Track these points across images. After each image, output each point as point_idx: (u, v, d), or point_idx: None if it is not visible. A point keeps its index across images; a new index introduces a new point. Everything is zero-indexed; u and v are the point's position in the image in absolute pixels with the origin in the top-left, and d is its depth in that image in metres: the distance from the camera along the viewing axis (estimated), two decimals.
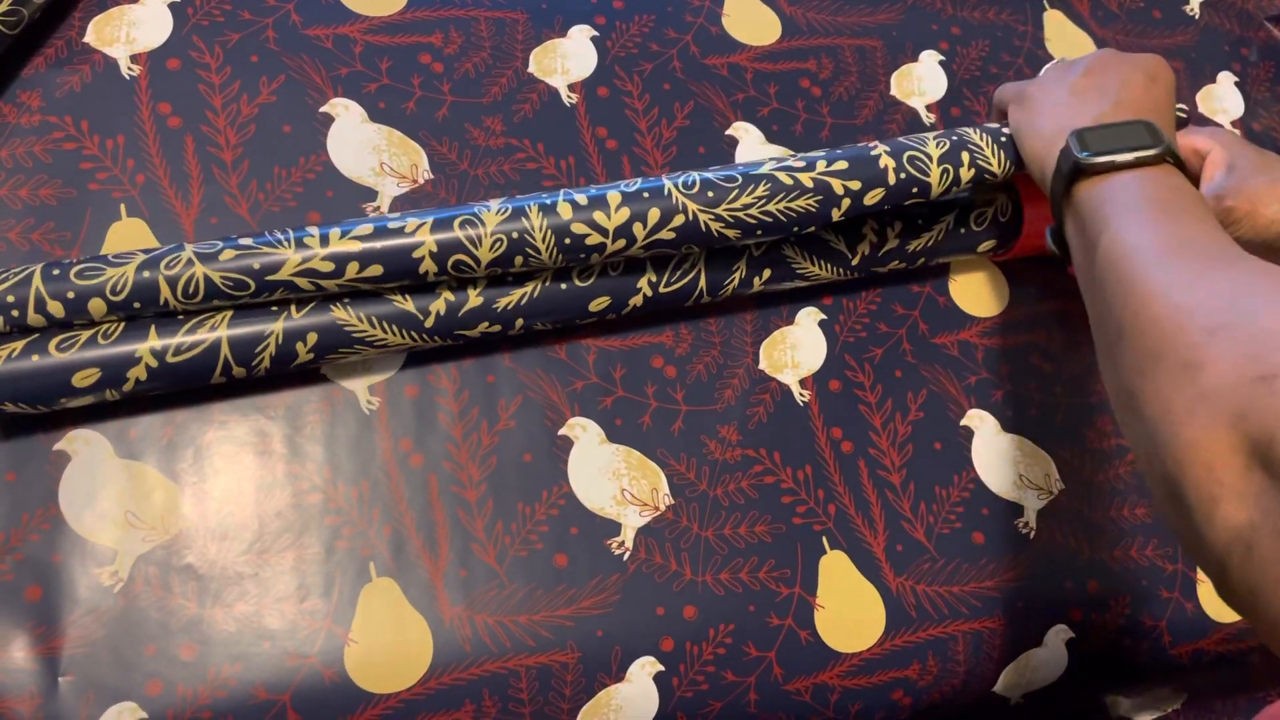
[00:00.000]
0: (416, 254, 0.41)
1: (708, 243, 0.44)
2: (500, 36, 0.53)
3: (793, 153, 0.50)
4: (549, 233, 0.42)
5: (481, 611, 0.43)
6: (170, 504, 0.42)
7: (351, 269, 0.40)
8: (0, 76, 0.46)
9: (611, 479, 0.46)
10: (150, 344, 0.40)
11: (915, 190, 0.45)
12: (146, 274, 0.39)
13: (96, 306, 0.39)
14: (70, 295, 0.39)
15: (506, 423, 0.46)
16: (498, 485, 0.45)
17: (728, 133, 0.54)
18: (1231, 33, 0.67)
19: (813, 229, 0.45)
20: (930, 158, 0.46)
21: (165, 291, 0.39)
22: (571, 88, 0.53)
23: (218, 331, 0.40)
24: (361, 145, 0.48)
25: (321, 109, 0.49)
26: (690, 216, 0.43)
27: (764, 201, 0.43)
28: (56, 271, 0.39)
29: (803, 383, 0.50)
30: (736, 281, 0.47)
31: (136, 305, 0.39)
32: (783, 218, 0.44)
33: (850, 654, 0.46)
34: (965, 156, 0.46)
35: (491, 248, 0.41)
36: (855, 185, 0.44)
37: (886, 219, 0.50)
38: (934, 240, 0.50)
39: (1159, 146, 0.39)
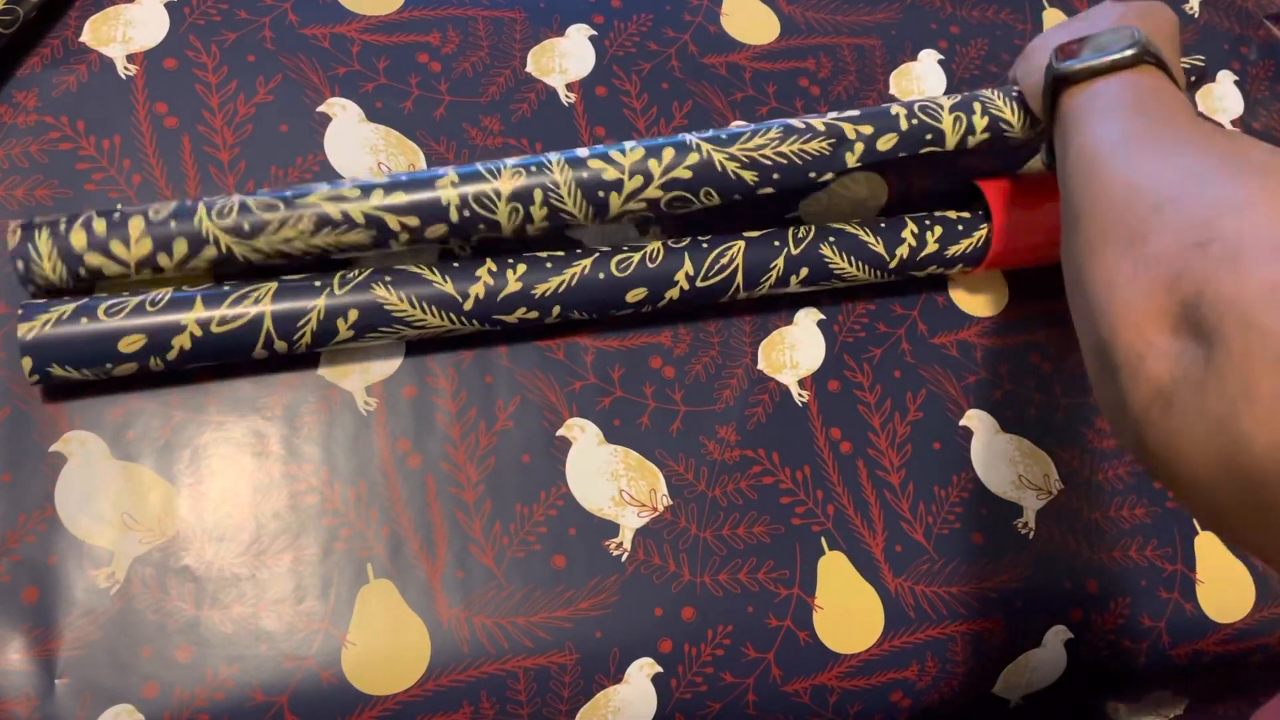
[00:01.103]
0: (440, 183, 0.42)
1: (726, 186, 0.45)
2: (498, 36, 0.53)
3: None
4: (565, 166, 0.43)
5: (479, 613, 0.43)
6: (167, 505, 0.42)
7: (376, 195, 0.42)
8: None
9: (610, 480, 0.46)
10: (196, 314, 0.41)
11: (929, 137, 0.46)
12: (188, 203, 0.41)
13: (135, 224, 0.41)
14: (115, 216, 0.41)
15: (504, 423, 0.46)
16: (496, 486, 0.45)
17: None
18: (1231, 31, 0.67)
19: (831, 176, 0.46)
20: (941, 106, 0.47)
21: (201, 212, 0.41)
22: (569, 87, 0.52)
23: (261, 305, 0.41)
24: (359, 145, 0.48)
25: (319, 108, 0.48)
26: (704, 155, 0.44)
27: (776, 143, 0.45)
28: (108, 210, 0.42)
29: (801, 383, 0.50)
30: (774, 278, 0.47)
31: (172, 225, 0.41)
32: (798, 160, 0.45)
33: (849, 655, 0.46)
34: (977, 106, 0.48)
35: (511, 176, 0.43)
36: (867, 130, 0.46)
37: (926, 224, 0.50)
38: (973, 246, 0.50)
39: (1135, 46, 0.39)
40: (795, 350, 0.50)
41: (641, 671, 0.44)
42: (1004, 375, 0.53)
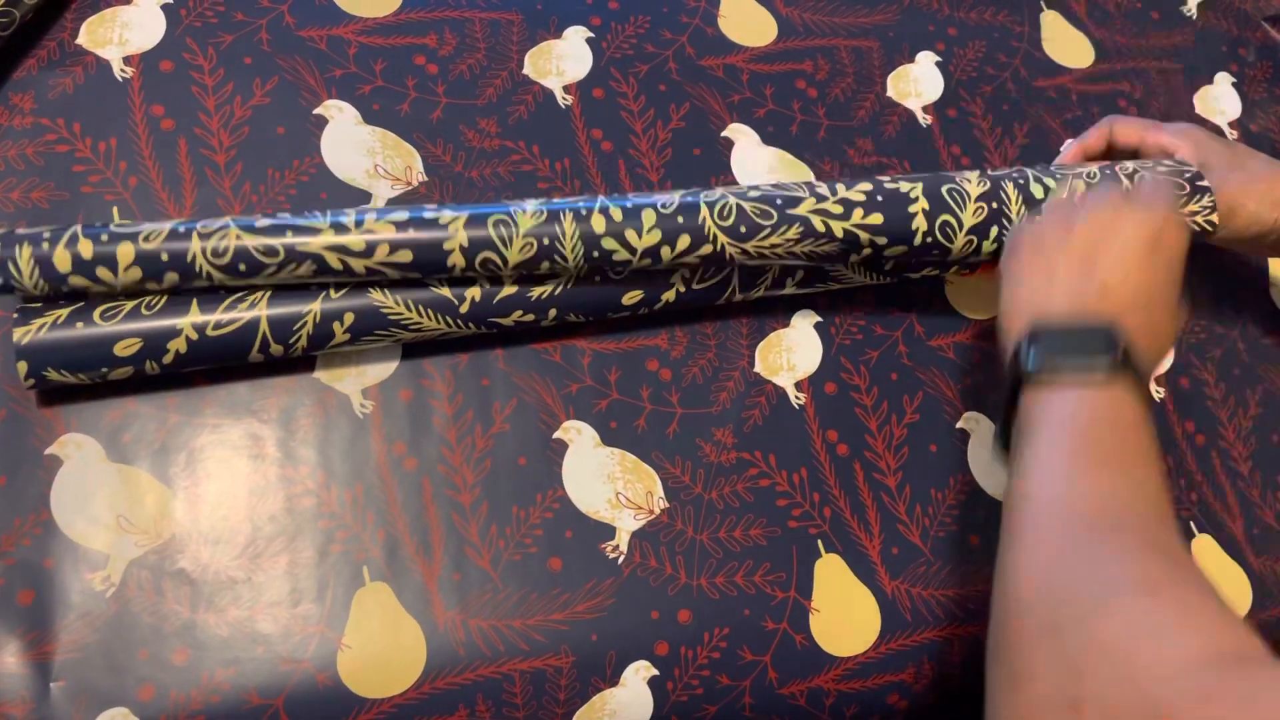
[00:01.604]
0: (447, 245, 0.41)
1: (731, 265, 0.46)
2: (495, 38, 0.53)
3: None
4: (579, 242, 0.42)
5: (475, 615, 0.43)
6: (163, 508, 0.42)
7: (381, 251, 0.41)
8: None
9: (606, 482, 0.46)
10: (191, 318, 0.41)
11: (935, 254, 0.46)
12: (182, 229, 0.40)
13: (124, 251, 0.39)
14: (103, 239, 0.39)
15: (501, 426, 0.46)
16: (492, 488, 0.45)
17: (723, 134, 0.54)
18: (1229, 33, 0.67)
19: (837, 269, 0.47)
20: (961, 225, 0.46)
21: (195, 246, 0.40)
22: (566, 89, 0.52)
23: (257, 310, 0.41)
24: (355, 147, 0.48)
25: (315, 111, 0.48)
26: (718, 248, 0.44)
27: (792, 244, 0.44)
28: (99, 224, 0.40)
29: (798, 385, 0.50)
30: (770, 280, 0.48)
31: (164, 257, 0.39)
32: (805, 259, 0.45)
33: (845, 658, 0.46)
34: (993, 231, 0.46)
35: (520, 250, 0.42)
36: (881, 240, 0.45)
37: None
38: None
39: (1104, 369, 0.37)
40: (792, 353, 0.50)
41: (638, 674, 0.44)
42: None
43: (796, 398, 0.50)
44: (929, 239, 0.45)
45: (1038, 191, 0.47)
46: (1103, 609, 0.29)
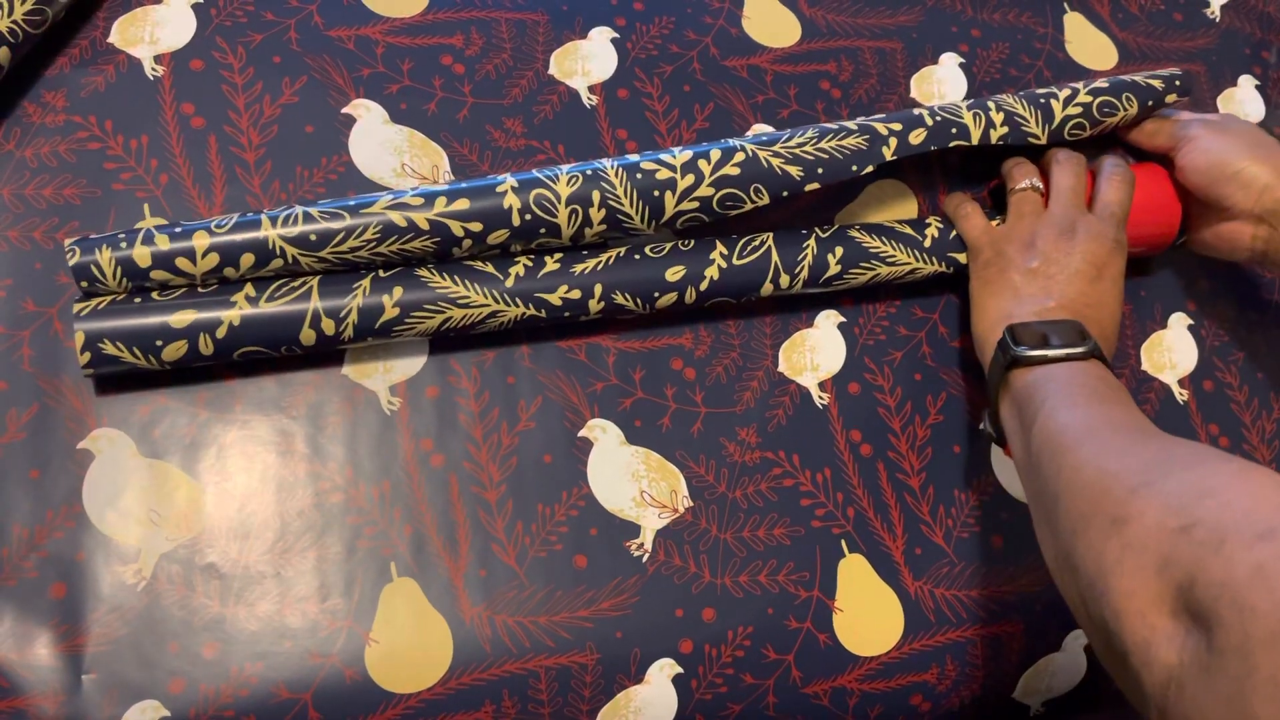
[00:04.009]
0: (500, 188, 0.44)
1: (773, 182, 0.46)
2: (521, 38, 0.53)
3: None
4: (621, 170, 0.45)
5: (501, 612, 0.43)
6: (193, 503, 0.42)
7: (440, 203, 0.43)
8: (25, 76, 0.46)
9: (631, 480, 0.46)
10: (245, 293, 0.42)
11: (955, 131, 0.49)
12: (250, 214, 0.42)
13: (200, 239, 0.42)
14: (177, 229, 0.42)
15: (527, 424, 0.46)
16: (518, 486, 0.45)
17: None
18: (1252, 35, 0.67)
19: (871, 169, 0.47)
20: (961, 107, 0.50)
21: (265, 224, 0.42)
22: (592, 89, 0.53)
23: (309, 284, 0.42)
24: (383, 146, 0.49)
25: (343, 110, 0.49)
26: (750, 154, 0.46)
27: (815, 141, 0.47)
28: (166, 223, 0.43)
29: (822, 385, 0.50)
30: (810, 258, 0.48)
31: (237, 238, 0.41)
32: (839, 155, 0.47)
33: (869, 657, 0.46)
34: (992, 104, 0.50)
35: (569, 183, 0.44)
36: (897, 126, 0.48)
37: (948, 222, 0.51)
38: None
39: (1085, 346, 0.43)
40: (816, 352, 0.50)
41: (662, 672, 0.44)
42: None
43: (820, 398, 0.50)
44: (937, 118, 0.49)
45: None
46: (1196, 467, 0.32)
